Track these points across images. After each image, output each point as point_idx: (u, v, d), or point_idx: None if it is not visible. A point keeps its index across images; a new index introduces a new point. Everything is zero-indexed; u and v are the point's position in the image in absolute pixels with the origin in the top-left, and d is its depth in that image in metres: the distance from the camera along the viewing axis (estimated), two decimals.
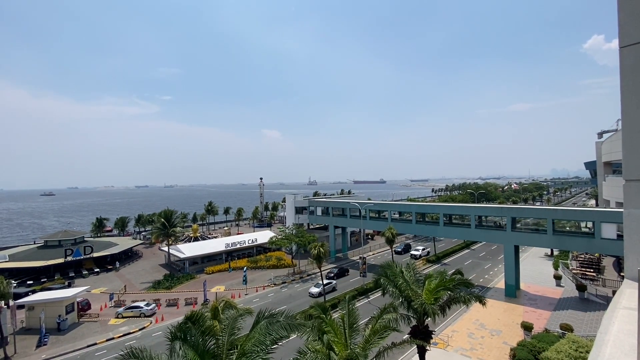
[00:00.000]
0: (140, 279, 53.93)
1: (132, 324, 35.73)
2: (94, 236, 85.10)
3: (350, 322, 17.00)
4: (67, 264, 56.09)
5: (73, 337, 33.51)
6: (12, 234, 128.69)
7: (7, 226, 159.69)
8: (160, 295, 44.58)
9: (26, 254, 58.07)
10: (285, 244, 56.69)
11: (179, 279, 51.12)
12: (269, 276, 51.72)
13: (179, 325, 14.09)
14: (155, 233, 61.09)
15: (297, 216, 69.98)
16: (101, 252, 60.50)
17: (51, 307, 35.30)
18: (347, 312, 17.44)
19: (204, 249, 60.71)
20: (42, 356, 29.58)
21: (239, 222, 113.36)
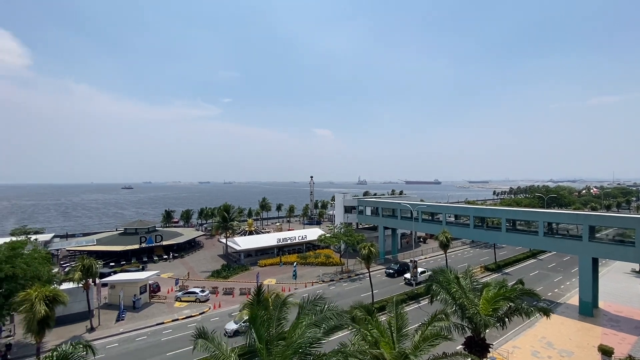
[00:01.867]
0: (201, 267, 58.64)
1: (194, 308, 39.05)
2: (163, 226, 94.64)
3: (398, 325, 16.56)
4: (141, 250, 63.24)
5: (145, 315, 37.74)
6: (101, 221, 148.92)
7: (96, 214, 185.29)
8: (218, 283, 48.01)
9: (109, 239, 66.75)
10: (334, 242, 57.10)
11: (235, 269, 54.49)
12: (317, 273, 52.59)
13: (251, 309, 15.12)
14: (215, 226, 66.03)
15: (346, 215, 69.99)
16: (169, 240, 67.08)
17: (128, 287, 40.15)
18: (395, 315, 17.01)
19: (257, 242, 63.94)
20: (120, 329, 33.81)
21: (290, 219, 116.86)
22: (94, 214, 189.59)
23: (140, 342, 31.39)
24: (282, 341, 14.37)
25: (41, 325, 24.10)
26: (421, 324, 18.59)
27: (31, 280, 29.79)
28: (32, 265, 30.99)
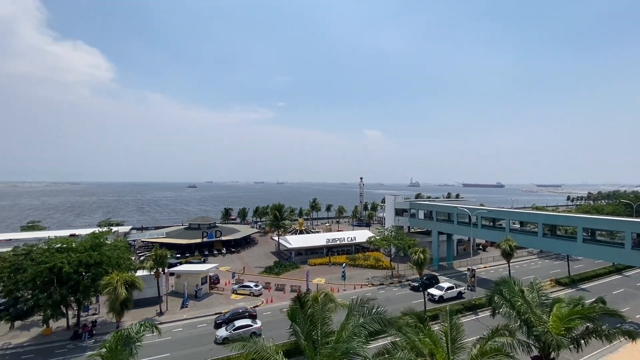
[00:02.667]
0: (255, 262, 61.67)
1: (248, 301, 41.21)
2: (222, 223, 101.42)
3: (452, 336, 15.65)
4: (202, 244, 68.60)
5: (205, 304, 40.85)
6: (169, 216, 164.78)
7: (166, 210, 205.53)
8: (270, 279, 50.03)
9: (176, 233, 73.53)
10: (384, 245, 55.89)
11: (286, 267, 56.29)
12: (366, 275, 51.94)
13: (291, 309, 15.56)
14: (269, 224, 69.03)
15: (397, 218, 68.04)
16: (227, 236, 71.75)
17: (192, 277, 43.83)
18: (449, 325, 16.10)
19: (307, 242, 65.31)
20: (184, 316, 37.05)
21: (339, 220, 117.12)
22: (163, 209, 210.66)
23: (201, 329, 34.05)
24: (328, 341, 14.53)
25: (122, 306, 27.47)
26: (480, 338, 17.35)
27: (113, 266, 34.17)
28: (114, 253, 35.53)
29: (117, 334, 11.55)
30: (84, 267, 32.01)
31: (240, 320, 32.73)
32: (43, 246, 33.04)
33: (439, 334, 16.14)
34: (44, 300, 29.86)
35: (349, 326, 14.36)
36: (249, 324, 31.91)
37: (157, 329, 15.12)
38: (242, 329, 30.95)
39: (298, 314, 15.53)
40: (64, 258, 31.26)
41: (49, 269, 30.33)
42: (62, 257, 31.27)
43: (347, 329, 14.33)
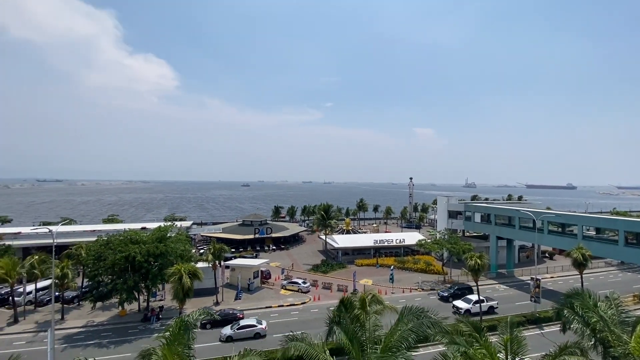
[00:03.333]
0: (303, 260, 63.07)
1: (297, 298, 42.33)
2: (273, 220, 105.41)
3: (513, 349, 14.44)
4: (255, 240, 72.02)
5: (257, 297, 42.87)
6: (225, 213, 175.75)
7: (222, 207, 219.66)
8: (317, 277, 50.78)
9: (231, 229, 78.16)
10: (435, 248, 53.40)
11: (333, 266, 56.67)
12: (416, 279, 50.11)
13: (336, 310, 15.65)
14: (316, 222, 70.10)
15: (450, 221, 64.54)
16: (278, 233, 74.43)
17: (245, 271, 46.30)
18: (510, 337, 14.87)
19: (354, 242, 65.04)
20: (238, 307, 39.24)
21: (387, 221, 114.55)
22: (220, 206, 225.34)
23: None
24: (375, 344, 14.33)
25: (184, 295, 30.02)
26: (545, 355, 15.80)
27: (177, 258, 37.46)
28: (177, 245, 38.94)
29: (179, 320, 12.66)
30: (153, 257, 35.62)
31: (245, 320, 33.14)
32: (120, 237, 37.46)
33: (498, 346, 15.01)
34: (120, 285, 33.88)
35: (399, 330, 14.00)
36: (254, 324, 31.92)
37: (214, 316, 16.20)
38: (246, 328, 31.42)
39: (343, 314, 15.56)
40: (137, 248, 35.11)
41: (125, 257, 34.30)
42: (135, 248, 35.15)
43: (396, 333, 14.00)
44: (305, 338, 14.56)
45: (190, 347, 12.19)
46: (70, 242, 49.56)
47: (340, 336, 13.95)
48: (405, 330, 13.82)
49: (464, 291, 42.48)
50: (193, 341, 12.82)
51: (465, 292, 42.36)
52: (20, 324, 34.62)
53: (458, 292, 42.12)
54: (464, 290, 42.92)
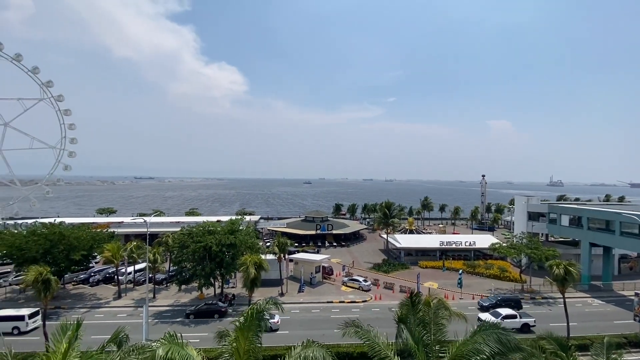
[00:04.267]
0: (364, 258, 62.73)
1: (358, 295, 42.36)
2: (333, 217, 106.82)
3: None
4: (316, 235, 73.90)
5: (318, 291, 44.03)
6: (289, 209, 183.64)
7: (286, 203, 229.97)
8: (378, 276, 50.04)
9: (294, 224, 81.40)
10: (512, 253, 48.35)
11: (395, 266, 55.25)
12: (488, 286, 46.09)
13: (402, 310, 15.28)
14: (377, 221, 69.04)
15: (530, 223, 57.81)
16: (338, 230, 75.28)
17: (307, 265, 47.88)
18: None
19: (418, 242, 62.44)
20: (301, 299, 40.85)
21: (455, 221, 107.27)
22: (284, 202, 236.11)
23: (315, 314, 36.93)
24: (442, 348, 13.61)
25: (252, 284, 32.29)
26: None
27: (246, 249, 40.43)
28: (245, 238, 41.97)
29: (252, 307, 13.67)
30: (226, 247, 39.06)
31: None
32: (199, 228, 41.84)
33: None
34: (199, 271, 37.90)
35: (471, 341, 13.06)
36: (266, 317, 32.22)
37: (281, 307, 16.95)
38: None
39: (410, 314, 15.08)
40: (212, 239, 38.85)
41: (203, 246, 38.22)
42: (211, 238, 38.92)
43: (468, 343, 13.10)
44: (371, 331, 14.47)
45: (260, 334, 13.08)
46: (160, 231, 56.95)
47: (407, 337, 13.57)
48: (478, 342, 12.83)
49: (510, 303, 37.38)
50: (263, 328, 13.67)
51: (511, 303, 37.21)
52: (122, 299, 41.07)
53: (502, 304, 37.25)
54: (511, 302, 37.88)
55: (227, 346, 12.81)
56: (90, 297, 41.72)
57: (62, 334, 11.88)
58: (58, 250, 38.93)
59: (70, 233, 41.23)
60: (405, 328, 13.92)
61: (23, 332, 31.32)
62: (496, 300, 38.33)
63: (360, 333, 13.89)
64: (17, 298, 40.73)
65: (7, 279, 45.15)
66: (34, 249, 38.06)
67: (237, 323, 12.98)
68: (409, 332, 13.67)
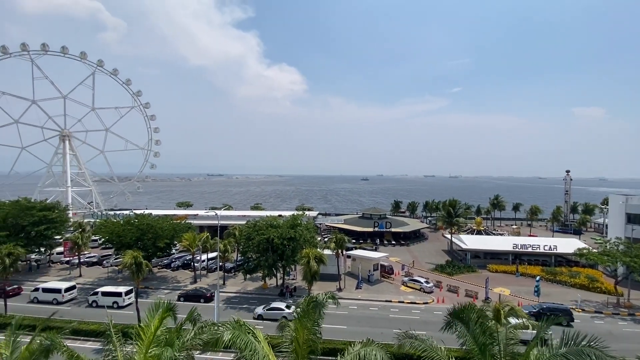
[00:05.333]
0: (425, 258, 60.12)
1: (418, 296, 40.85)
2: (392, 215, 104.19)
3: None
4: (373, 233, 72.94)
5: (376, 290, 43.53)
6: (346, 206, 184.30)
7: (343, 200, 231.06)
8: (441, 278, 47.53)
9: (352, 221, 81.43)
10: (604, 261, 41.80)
11: (460, 268, 51.91)
12: (572, 296, 40.57)
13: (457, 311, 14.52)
14: (441, 220, 65.53)
15: (629, 227, 49.35)
16: (397, 228, 73.28)
17: (365, 262, 47.62)
18: None
19: (487, 244, 57.70)
20: (358, 296, 40.84)
21: (532, 223, 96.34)
22: (342, 199, 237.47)
23: (373, 311, 36.63)
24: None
25: (311, 277, 33.30)
26: None
27: (305, 243, 41.74)
28: (305, 232, 43.30)
29: (308, 298, 14.21)
30: (287, 241, 40.86)
31: (276, 302, 36.06)
32: (263, 222, 44.44)
33: None
34: (263, 262, 40.32)
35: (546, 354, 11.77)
36: (282, 308, 34.23)
37: (337, 302, 17.20)
38: (275, 310, 34.28)
39: (472, 321, 14.14)
40: (275, 232, 40.94)
41: (266, 239, 40.53)
42: (274, 232, 41.04)
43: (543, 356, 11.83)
44: (427, 339, 13.98)
45: (318, 324, 13.50)
46: (229, 223, 61.82)
47: (469, 343, 12.79)
48: (556, 355, 11.49)
49: (556, 313, 31.33)
50: (322, 319, 14.08)
51: (558, 314, 31.22)
52: (197, 283, 45.69)
53: (546, 312, 31.55)
54: (557, 311, 32.22)
55: (287, 335, 13.52)
56: (171, 280, 47.32)
57: (155, 311, 13.80)
58: (147, 238, 44.94)
59: (156, 223, 47.25)
60: (468, 334, 13.12)
61: (121, 307, 36.84)
62: (539, 309, 33.64)
63: (416, 344, 13.48)
64: (116, 277, 48.03)
65: (108, 260, 53.53)
66: (129, 236, 44.54)
67: (295, 314, 13.61)
68: (473, 337, 12.85)
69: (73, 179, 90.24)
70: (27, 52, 79.37)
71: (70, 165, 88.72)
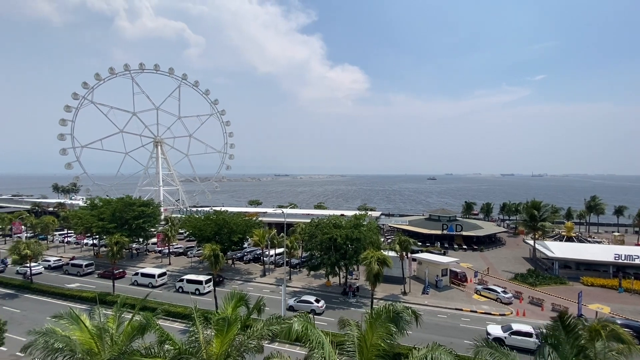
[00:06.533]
0: (502, 265, 54.64)
1: (494, 307, 37.35)
2: (463, 217, 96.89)
3: None
4: (442, 236, 68.75)
5: (445, 296, 41.00)
6: (411, 206, 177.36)
7: (408, 200, 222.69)
8: (522, 289, 42.68)
9: (417, 222, 77.95)
10: None
11: (545, 278, 46.00)
12: None
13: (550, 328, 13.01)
14: (521, 223, 58.89)
15: None
16: (469, 232, 67.95)
17: (432, 266, 45.25)
18: None
19: (580, 253, 49.94)
20: (425, 302, 38.96)
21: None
22: (406, 199, 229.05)
23: (441, 319, 34.60)
24: None
25: (375, 278, 32.89)
26: None
27: (368, 244, 41.36)
28: (368, 233, 42.90)
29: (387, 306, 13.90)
30: (350, 241, 41.02)
31: (307, 295, 38.19)
32: (325, 221, 45.35)
33: None
34: (326, 260, 41.12)
35: None
36: (312, 301, 36.18)
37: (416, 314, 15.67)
38: (305, 303, 36.18)
39: (563, 341, 12.49)
40: (337, 232, 41.44)
41: (329, 238, 41.27)
42: (337, 231, 41.58)
43: None
44: (509, 354, 12.80)
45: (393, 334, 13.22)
46: (294, 221, 64.49)
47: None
48: None
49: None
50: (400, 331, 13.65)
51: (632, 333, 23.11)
52: (266, 277, 48.66)
53: None
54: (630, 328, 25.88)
55: (350, 335, 13.61)
56: (244, 272, 51.24)
57: (230, 300, 15.26)
58: (223, 232, 49.43)
59: (231, 219, 51.66)
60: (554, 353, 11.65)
61: (202, 294, 41.20)
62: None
63: (497, 356, 12.40)
64: (197, 267, 53.80)
65: (192, 252, 60.23)
66: (208, 230, 49.51)
67: (366, 315, 13.67)
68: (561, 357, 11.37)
69: (164, 180, 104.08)
70: (129, 71, 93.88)
71: (161, 168, 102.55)
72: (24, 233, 74.21)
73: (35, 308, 36.76)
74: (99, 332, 14.72)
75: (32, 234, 73.54)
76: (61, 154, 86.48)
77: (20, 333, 27.61)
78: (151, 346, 14.16)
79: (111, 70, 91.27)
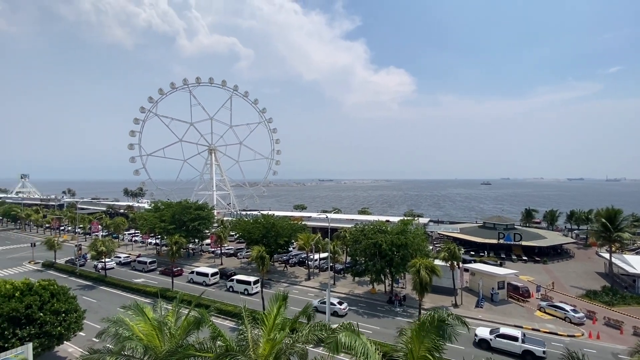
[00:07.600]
0: (570, 281, 48.95)
1: (560, 326, 33.53)
2: (522, 225, 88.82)
3: None
4: (498, 246, 63.64)
5: (502, 311, 37.76)
6: (463, 213, 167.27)
7: (460, 206, 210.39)
8: (596, 308, 37.76)
9: (469, 230, 73.17)
10: None
11: (625, 298, 40.23)
12: None
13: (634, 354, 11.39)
14: (594, 234, 52.28)
15: None
16: (529, 242, 62.07)
17: (487, 278, 42.04)
18: None
19: None
20: (479, 316, 36.25)
21: None
22: (457, 205, 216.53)
23: None
24: None
25: (422, 288, 31.51)
26: None
27: (415, 251, 39.79)
28: (415, 239, 41.29)
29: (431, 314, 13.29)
30: (396, 247, 39.84)
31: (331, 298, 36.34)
32: (370, 226, 44.63)
33: None
34: (371, 266, 40.36)
35: None
36: (335, 303, 35.90)
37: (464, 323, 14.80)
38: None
39: None
40: (383, 237, 40.51)
41: (374, 244, 40.48)
42: (382, 237, 40.66)
43: None
44: None
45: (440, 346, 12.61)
46: (338, 226, 64.43)
47: None
48: None
49: None
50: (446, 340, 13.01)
51: None
52: (311, 281, 49.13)
53: None
54: None
55: (401, 345, 13.17)
56: (289, 275, 52.33)
57: (275, 301, 15.71)
58: (270, 236, 51.15)
59: (278, 223, 53.29)
60: None
61: (250, 294, 42.86)
62: None
63: None
64: (246, 268, 56.16)
65: (241, 253, 63.10)
66: (257, 233, 51.60)
67: (414, 324, 13.16)
68: None
69: (217, 185, 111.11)
70: (187, 85, 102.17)
71: (215, 174, 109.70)
72: (100, 232, 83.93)
73: (108, 299, 41.30)
74: (160, 325, 16.08)
75: (107, 232, 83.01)
76: (130, 162, 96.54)
77: (95, 320, 31.18)
78: (204, 341, 15.10)
79: (172, 85, 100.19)
